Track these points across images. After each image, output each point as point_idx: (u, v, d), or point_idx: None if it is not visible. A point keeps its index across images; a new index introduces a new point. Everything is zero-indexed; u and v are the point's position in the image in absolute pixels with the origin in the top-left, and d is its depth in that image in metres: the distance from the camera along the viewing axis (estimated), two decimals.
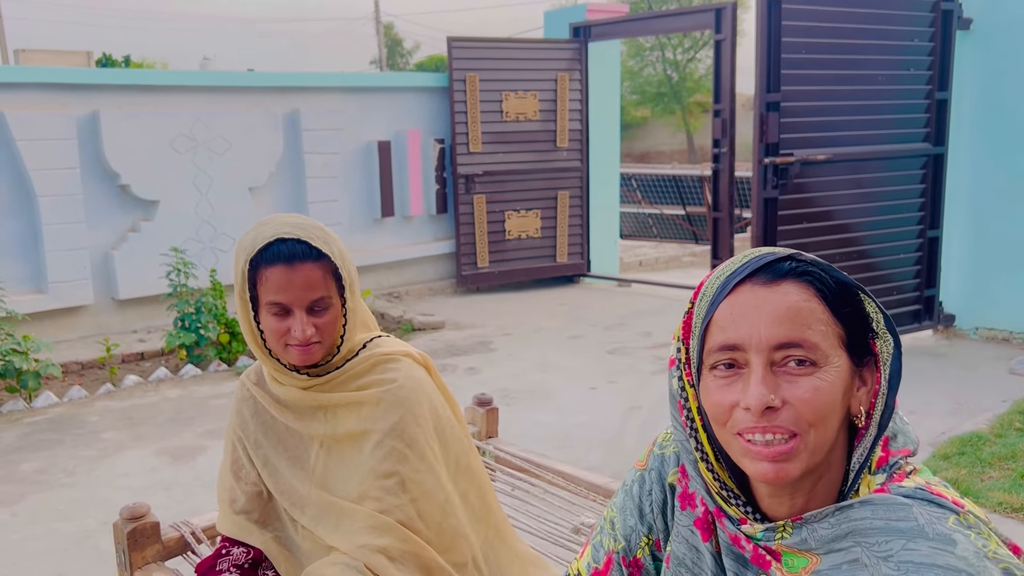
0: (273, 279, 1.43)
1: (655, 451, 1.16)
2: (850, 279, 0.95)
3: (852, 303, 0.94)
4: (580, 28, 7.72)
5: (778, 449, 0.90)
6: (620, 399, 4.62)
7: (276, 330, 1.45)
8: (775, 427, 0.90)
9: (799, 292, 0.92)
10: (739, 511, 0.99)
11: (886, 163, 5.18)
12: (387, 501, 1.46)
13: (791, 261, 0.94)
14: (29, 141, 5.55)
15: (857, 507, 0.90)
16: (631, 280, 8.00)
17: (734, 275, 0.94)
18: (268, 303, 1.44)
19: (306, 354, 1.46)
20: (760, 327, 0.91)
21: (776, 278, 0.93)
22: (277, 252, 1.43)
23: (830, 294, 0.93)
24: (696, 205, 15.30)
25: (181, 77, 6.42)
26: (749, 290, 0.93)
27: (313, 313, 1.45)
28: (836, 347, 0.92)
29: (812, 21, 4.79)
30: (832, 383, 0.91)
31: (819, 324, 0.91)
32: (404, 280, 7.57)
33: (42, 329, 5.52)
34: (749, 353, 0.91)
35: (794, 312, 0.91)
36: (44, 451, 4.07)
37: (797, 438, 0.90)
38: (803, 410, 0.90)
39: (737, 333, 0.92)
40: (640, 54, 32.34)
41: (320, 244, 1.45)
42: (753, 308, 0.92)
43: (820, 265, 0.95)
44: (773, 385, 0.90)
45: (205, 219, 6.32)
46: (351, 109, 7.08)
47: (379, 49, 33.21)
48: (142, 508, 1.88)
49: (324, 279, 1.45)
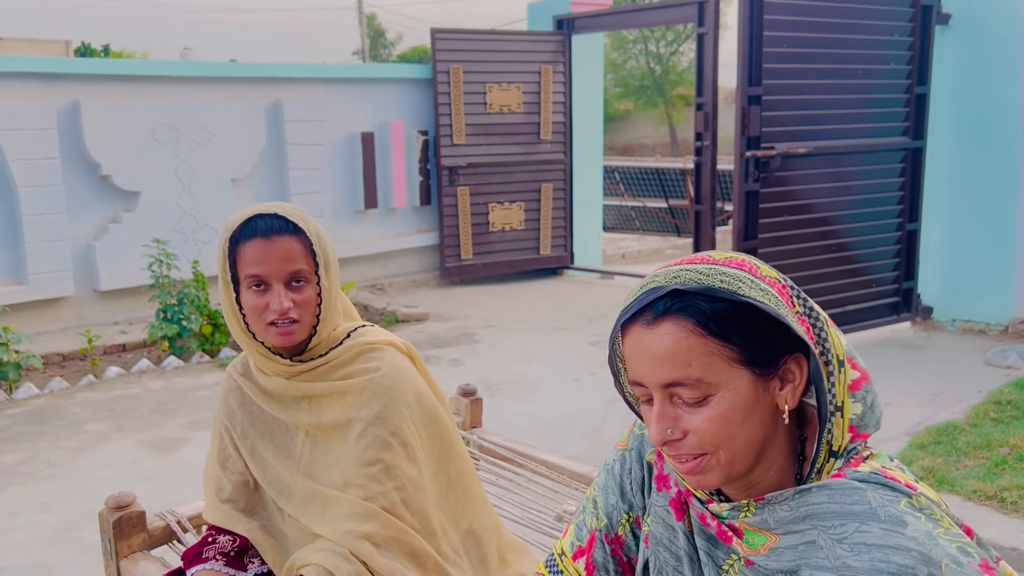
0: (251, 252, 1.46)
1: (636, 431, 1.20)
2: (743, 296, 0.93)
3: (740, 320, 0.94)
4: (563, 20, 7.73)
5: (689, 465, 0.97)
6: (602, 390, 4.66)
7: (256, 306, 1.47)
8: (682, 454, 0.97)
9: (676, 332, 0.94)
10: (704, 493, 1.05)
11: (866, 156, 5.24)
12: (371, 488, 1.48)
13: (669, 298, 0.95)
14: (8, 131, 5.50)
15: (815, 491, 0.95)
16: (614, 272, 8.04)
17: (624, 314, 0.99)
18: (247, 277, 1.47)
19: (286, 334, 1.48)
20: (648, 369, 0.96)
21: (656, 319, 0.96)
22: (255, 227, 1.47)
23: (713, 322, 0.93)
24: (678, 198, 15.37)
25: (163, 67, 6.38)
26: (636, 332, 0.97)
27: (291, 288, 1.48)
28: (727, 370, 0.94)
29: (794, 15, 4.83)
30: (729, 406, 0.95)
31: (700, 358, 0.94)
32: (388, 272, 7.57)
33: (22, 320, 5.48)
34: (650, 389, 0.97)
35: (672, 354, 0.94)
36: (25, 443, 4.05)
37: (706, 456, 0.97)
38: (704, 436, 0.95)
39: (636, 373, 0.98)
40: (623, 47, 32.37)
41: (296, 220, 1.49)
42: (641, 351, 0.97)
43: (704, 291, 0.94)
44: (672, 417, 0.96)
45: (187, 210, 6.29)
46: (334, 100, 7.06)
47: (362, 40, 33.03)
48: (127, 497, 1.88)
49: (300, 253, 1.48)
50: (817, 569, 0.91)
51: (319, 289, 1.51)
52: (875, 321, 5.45)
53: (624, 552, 1.17)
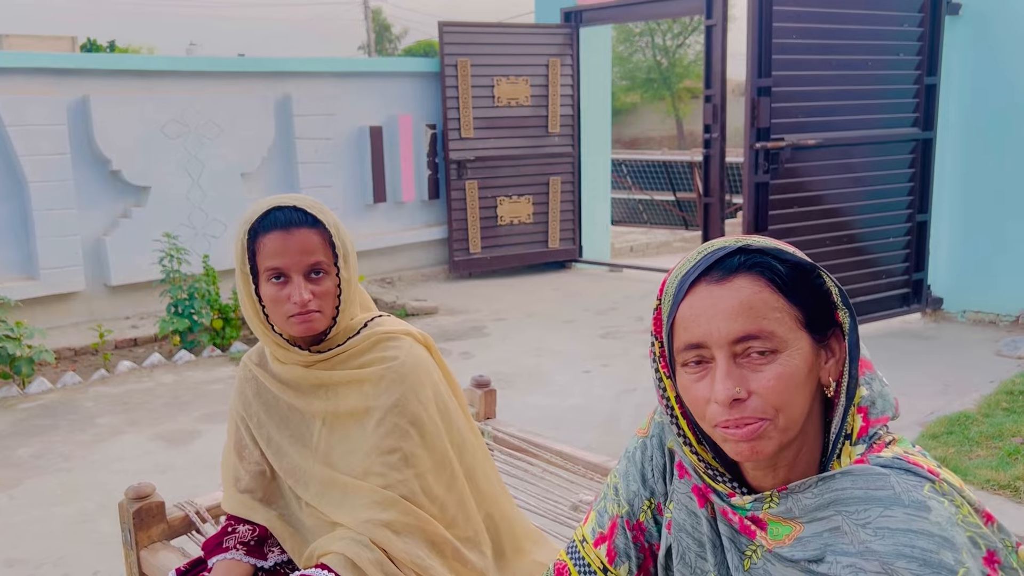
0: (271, 245, 1.46)
1: (656, 418, 1.20)
2: (803, 259, 0.98)
3: (808, 282, 0.98)
4: (571, 13, 7.71)
5: (748, 429, 0.96)
6: (613, 382, 4.66)
7: (276, 298, 1.47)
8: (744, 418, 0.95)
9: (750, 285, 0.96)
10: (726, 487, 1.05)
11: (875, 148, 5.22)
12: (391, 476, 1.49)
13: (740, 255, 0.97)
14: (19, 126, 5.52)
15: (838, 477, 0.95)
16: (623, 265, 8.04)
17: (688, 275, 0.99)
18: (266, 269, 1.47)
19: (306, 323, 1.48)
20: (718, 324, 0.95)
21: (727, 274, 0.96)
22: (274, 219, 1.48)
23: (782, 280, 0.96)
24: (686, 191, 15.33)
25: (172, 62, 6.39)
26: (704, 289, 0.97)
27: (310, 280, 1.48)
28: (795, 330, 0.96)
29: (803, 6, 4.81)
30: (795, 366, 0.95)
31: (774, 312, 0.95)
32: (397, 266, 7.58)
33: (34, 315, 5.51)
34: (713, 349, 0.96)
35: (747, 306, 0.95)
36: (39, 436, 4.08)
37: (767, 421, 0.96)
38: (769, 397, 0.95)
39: (698, 332, 0.97)
40: (630, 39, 32.26)
41: (316, 212, 1.50)
42: (709, 307, 0.96)
43: (771, 251, 0.98)
44: (738, 377, 0.95)
45: (197, 205, 6.31)
46: (343, 94, 7.06)
47: (367, 34, 33.01)
48: (147, 488, 1.90)
49: (320, 245, 1.48)
50: (841, 555, 0.91)
51: (338, 280, 1.52)
52: (885, 312, 5.44)
53: (646, 538, 1.18)
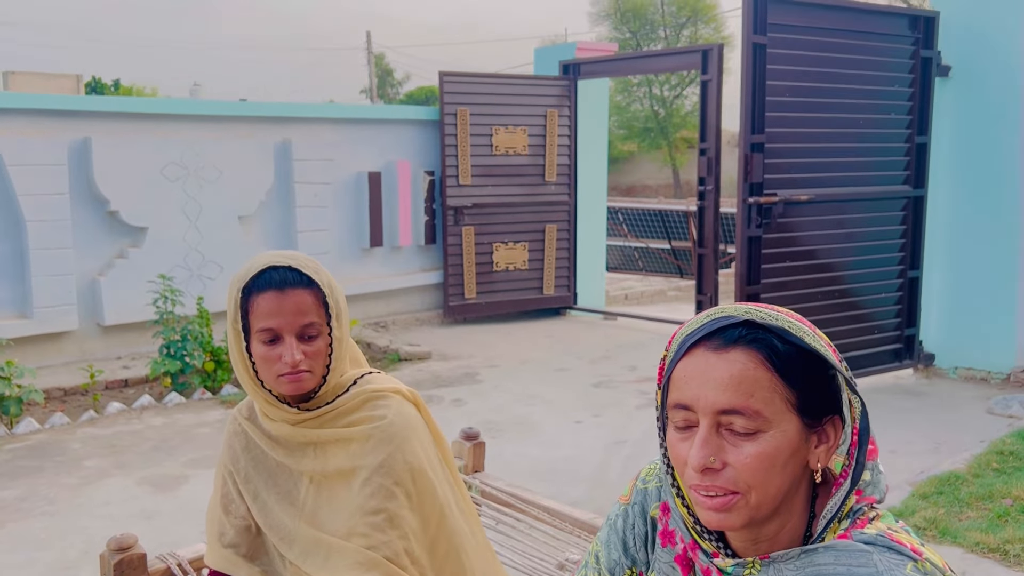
0: (264, 305, 1.47)
1: (638, 486, 1.21)
2: (808, 344, 0.98)
3: (810, 365, 0.98)
4: (570, 66, 7.85)
5: (718, 500, 0.97)
6: (604, 433, 4.65)
7: (267, 358, 1.48)
8: (715, 486, 0.96)
9: (745, 360, 0.96)
10: (712, 546, 1.05)
11: (867, 204, 5.29)
12: (374, 537, 1.48)
13: (744, 327, 0.98)
14: (19, 166, 5.57)
15: (821, 552, 0.96)
16: (617, 313, 8.06)
17: (690, 336, 1.00)
18: (259, 330, 1.48)
19: (296, 383, 1.49)
20: (706, 392, 0.96)
21: (726, 344, 0.97)
22: (269, 279, 1.48)
23: (780, 360, 0.96)
24: (681, 239, 15.44)
25: (173, 105, 6.47)
26: (701, 354, 0.98)
27: (303, 340, 1.48)
28: (784, 411, 0.96)
29: (795, 65, 4.91)
30: (776, 447, 0.96)
31: (763, 391, 0.95)
32: (391, 310, 7.59)
33: (25, 354, 5.50)
34: (698, 414, 0.97)
35: (737, 380, 0.95)
36: (25, 478, 4.04)
37: (738, 495, 0.96)
38: (743, 473, 0.96)
39: (688, 394, 0.98)
40: (627, 90, 32.76)
41: (310, 272, 1.50)
42: (702, 372, 0.97)
43: (777, 329, 0.98)
44: (716, 447, 0.96)
45: (193, 247, 6.33)
46: (343, 140, 7.14)
47: (370, 79, 33.47)
48: (129, 539, 1.88)
49: (314, 306, 1.49)
50: None
51: (330, 339, 1.53)
52: (877, 367, 5.45)
53: None
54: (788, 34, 4.85)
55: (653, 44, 33.20)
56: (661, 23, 33.74)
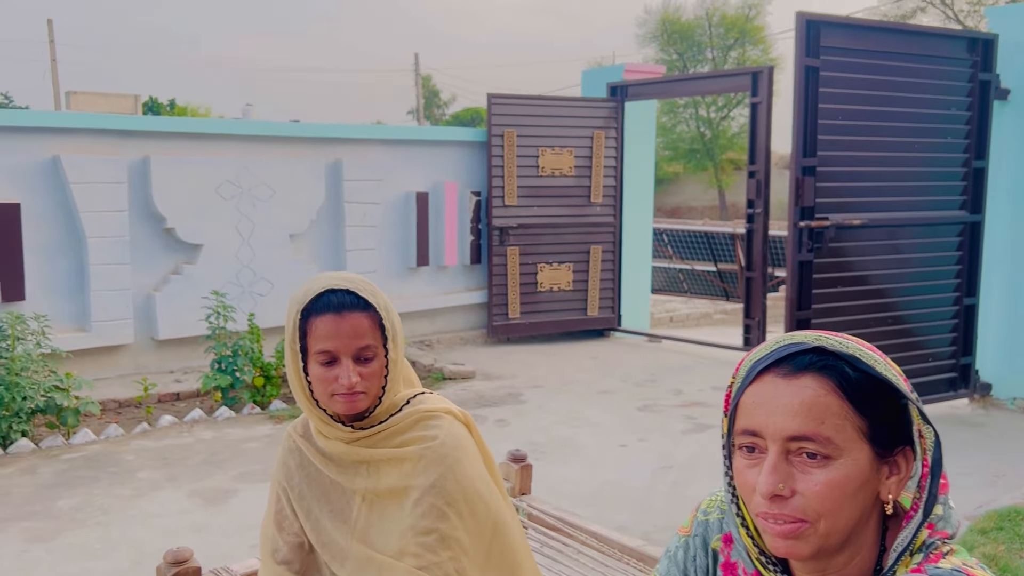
0: (322, 328, 1.50)
1: (699, 517, 1.20)
2: (879, 372, 0.97)
3: (881, 394, 0.97)
4: (617, 87, 7.86)
5: (787, 527, 0.95)
6: (650, 458, 4.60)
7: (323, 379, 1.51)
8: (783, 515, 0.95)
9: (816, 387, 0.95)
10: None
11: (922, 229, 5.18)
12: (426, 558, 1.49)
13: (814, 354, 0.97)
14: (82, 184, 5.75)
15: None
16: (662, 336, 8.00)
17: (759, 362, 1.00)
18: (317, 352, 1.51)
19: (351, 403, 1.51)
20: (776, 418, 0.95)
21: (796, 371, 0.97)
22: (327, 302, 1.51)
23: (851, 388, 0.95)
24: (727, 262, 15.29)
25: (229, 126, 6.63)
26: (770, 380, 0.98)
27: (359, 362, 1.51)
28: (855, 439, 0.95)
29: (849, 88, 4.85)
30: (847, 476, 0.94)
31: (834, 419, 0.94)
32: (436, 328, 7.64)
33: (83, 366, 5.64)
34: (767, 440, 0.96)
35: (808, 406, 0.95)
36: (81, 488, 4.14)
37: (807, 523, 0.95)
38: (813, 501, 0.94)
39: (756, 421, 0.97)
40: (673, 111, 32.65)
41: (367, 296, 1.53)
42: (770, 398, 0.97)
43: (848, 357, 0.97)
44: (785, 474, 0.95)
45: (246, 264, 6.46)
46: (392, 160, 7.24)
47: (417, 100, 33.89)
48: (185, 553, 1.92)
49: (370, 329, 1.51)
50: None
51: (386, 361, 1.55)
52: (931, 396, 5.32)
53: None
54: (841, 57, 4.80)
55: (700, 66, 33.07)
56: (708, 44, 33.63)
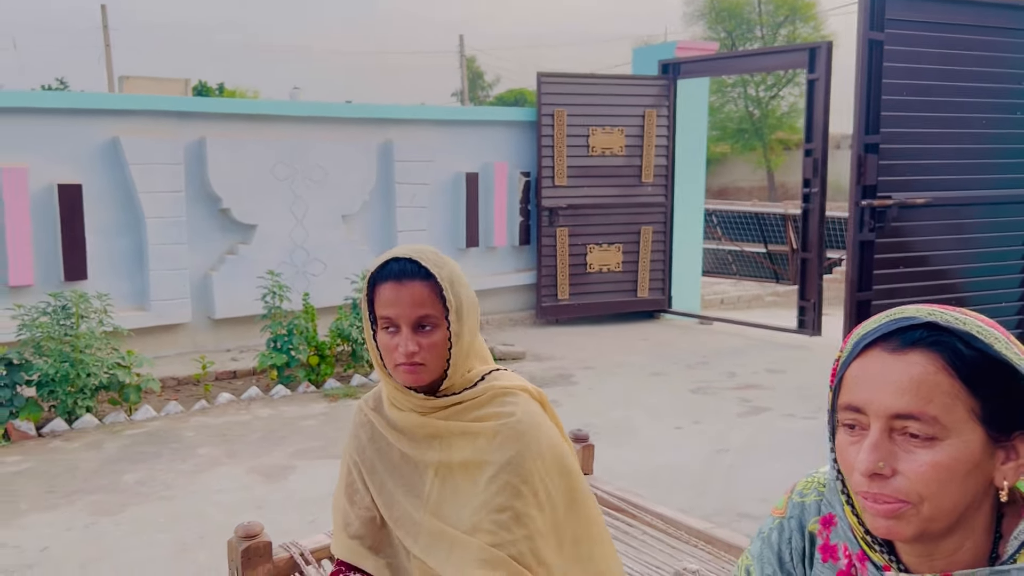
0: (385, 295, 1.52)
1: (794, 499, 1.16)
2: (997, 351, 0.91)
3: (998, 374, 0.91)
4: (669, 65, 7.74)
5: (886, 507, 0.92)
6: (706, 441, 4.55)
7: (387, 346, 1.52)
8: (883, 495, 0.92)
9: (925, 363, 0.91)
10: (883, 558, 1.00)
11: (988, 209, 5.02)
12: (500, 535, 1.48)
13: (925, 329, 0.93)
14: (140, 165, 5.85)
15: (1014, 573, 0.90)
16: (713, 318, 7.90)
17: (866, 336, 0.96)
18: (380, 318, 1.53)
19: (412, 374, 1.51)
20: (881, 395, 0.92)
21: (905, 346, 0.92)
22: (391, 270, 1.53)
23: (964, 366, 0.90)
24: (777, 243, 15.04)
25: (282, 107, 6.68)
26: (877, 355, 0.94)
27: (419, 332, 1.51)
28: (966, 420, 0.90)
29: (914, 63, 4.71)
30: (954, 458, 0.90)
31: (943, 397, 0.90)
32: (485, 309, 7.65)
33: (144, 344, 5.77)
34: (870, 417, 0.93)
35: (916, 384, 0.90)
36: (144, 463, 4.24)
37: (908, 504, 0.91)
38: (916, 482, 0.90)
39: (860, 396, 0.93)
40: (722, 90, 32.12)
41: (430, 266, 1.52)
42: (877, 374, 0.93)
43: (962, 333, 0.92)
44: (887, 452, 0.91)
45: (299, 244, 6.53)
46: (441, 141, 7.24)
47: (462, 81, 33.84)
48: (256, 527, 1.94)
49: (430, 298, 1.51)
50: None
51: (449, 333, 1.54)
52: None
53: None
54: (907, 30, 4.65)
55: (749, 44, 32.45)
56: (758, 22, 32.95)
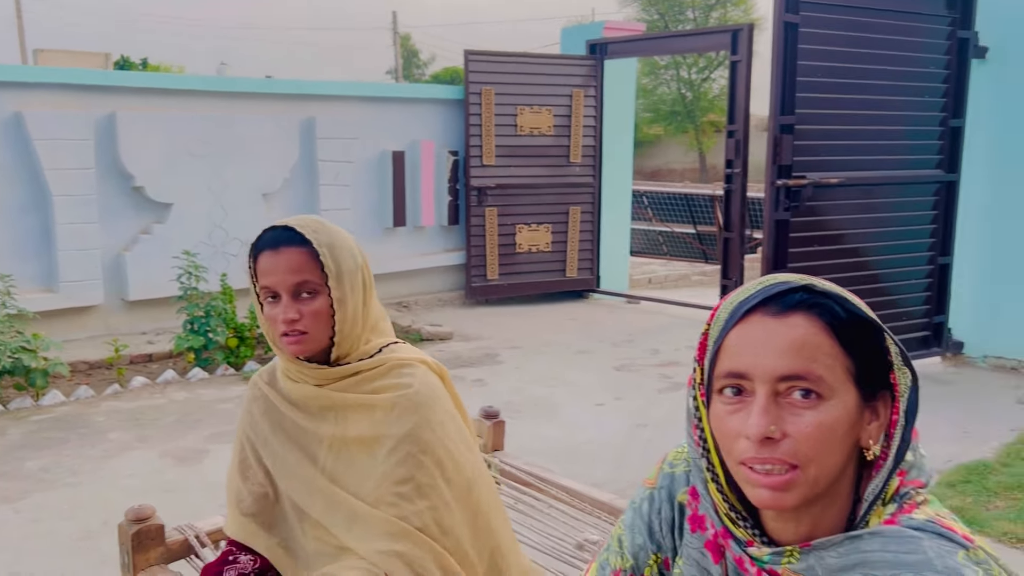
0: (263, 264, 1.50)
1: (665, 469, 1.16)
2: (865, 312, 0.94)
3: (865, 336, 0.94)
4: (597, 45, 7.75)
5: (776, 479, 0.91)
6: (626, 416, 4.61)
7: (270, 317, 1.50)
8: (774, 458, 0.91)
9: (807, 325, 0.92)
10: (746, 533, 1.00)
11: (898, 188, 5.18)
12: (403, 507, 1.46)
13: (803, 292, 0.94)
14: (46, 140, 5.60)
15: (867, 538, 0.90)
16: (640, 297, 8.00)
17: (745, 302, 0.95)
18: (261, 288, 1.51)
19: (295, 344, 1.49)
20: (766, 358, 0.91)
21: (785, 309, 0.93)
22: (267, 239, 1.51)
23: (840, 327, 0.92)
24: (707, 224, 15.31)
25: (199, 82, 6.48)
26: (758, 320, 0.94)
27: (299, 299, 1.48)
28: (843, 380, 0.92)
29: (828, 45, 4.80)
30: (836, 418, 0.91)
31: (826, 357, 0.91)
32: (413, 290, 7.59)
33: (52, 328, 5.54)
34: (755, 382, 0.92)
35: (800, 344, 0.91)
36: (49, 449, 4.09)
37: (796, 470, 0.91)
38: (803, 443, 0.90)
39: (743, 361, 0.93)
40: (655, 72, 32.46)
41: (306, 231, 1.50)
42: (760, 338, 0.92)
43: (834, 296, 0.94)
44: (775, 416, 0.91)
45: (218, 223, 6.35)
46: (367, 118, 7.12)
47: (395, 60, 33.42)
48: (147, 510, 1.88)
49: (308, 264, 1.48)
50: None
51: (331, 300, 1.50)
52: (912, 363, 5.35)
53: None
54: (821, 13, 4.74)
55: (681, 26, 32.81)
56: (689, 4, 33.35)
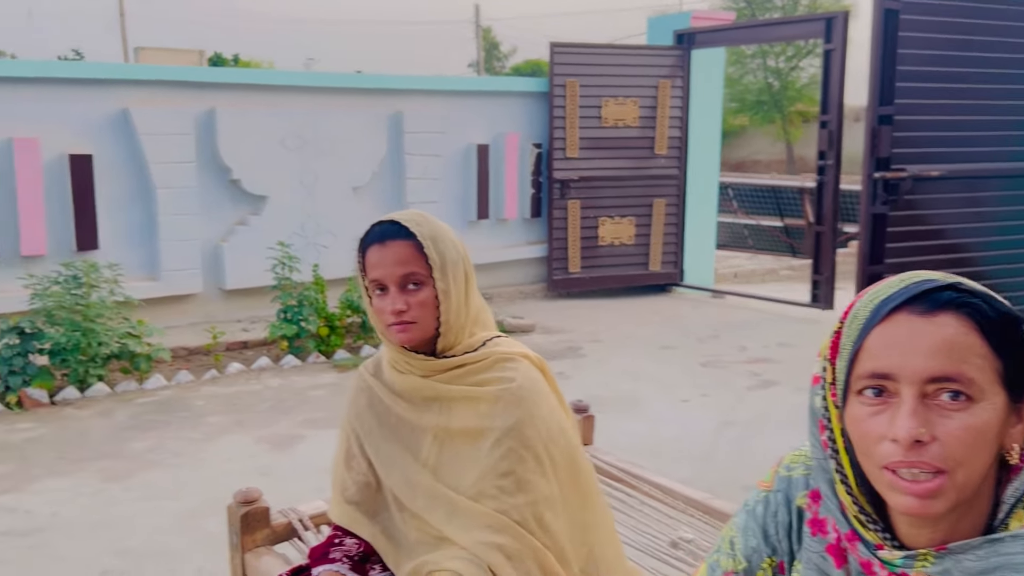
0: (371, 258, 1.55)
1: (781, 472, 1.14)
2: (1014, 311, 0.91)
3: (1014, 337, 0.90)
4: (684, 35, 7.63)
5: (924, 486, 0.88)
6: (713, 414, 4.55)
7: (378, 309, 1.55)
8: (922, 462, 0.88)
9: (957, 324, 0.89)
10: (877, 536, 0.97)
11: (1004, 181, 4.95)
12: (504, 501, 1.48)
13: (951, 291, 0.91)
14: (151, 135, 5.85)
15: (1008, 541, 0.88)
16: (725, 292, 7.86)
17: (889, 300, 0.92)
18: (370, 281, 1.55)
19: (403, 333, 1.53)
20: (914, 358, 0.88)
21: (933, 308, 0.90)
22: (374, 233, 1.57)
23: (990, 327, 0.89)
24: (794, 217, 14.91)
25: (293, 77, 6.66)
26: (904, 319, 0.90)
27: (406, 291, 1.52)
28: (993, 382, 0.89)
29: (930, 32, 4.62)
30: (987, 420, 0.88)
31: (976, 358, 0.88)
32: (495, 282, 7.64)
33: (154, 314, 5.80)
34: (900, 384, 0.89)
35: (951, 345, 0.88)
36: (153, 431, 4.28)
37: (944, 475, 0.88)
38: (954, 447, 0.87)
39: (889, 362, 0.90)
40: (741, 61, 31.68)
41: (410, 224, 1.54)
42: (908, 338, 0.89)
43: (982, 295, 0.91)
44: (924, 418, 0.88)
45: (310, 215, 6.53)
46: (453, 112, 7.19)
47: (477, 52, 33.61)
48: (254, 493, 1.96)
49: (414, 256, 1.52)
50: None
51: (436, 291, 1.54)
52: None
53: None
54: None
55: (769, 14, 31.93)
56: None
